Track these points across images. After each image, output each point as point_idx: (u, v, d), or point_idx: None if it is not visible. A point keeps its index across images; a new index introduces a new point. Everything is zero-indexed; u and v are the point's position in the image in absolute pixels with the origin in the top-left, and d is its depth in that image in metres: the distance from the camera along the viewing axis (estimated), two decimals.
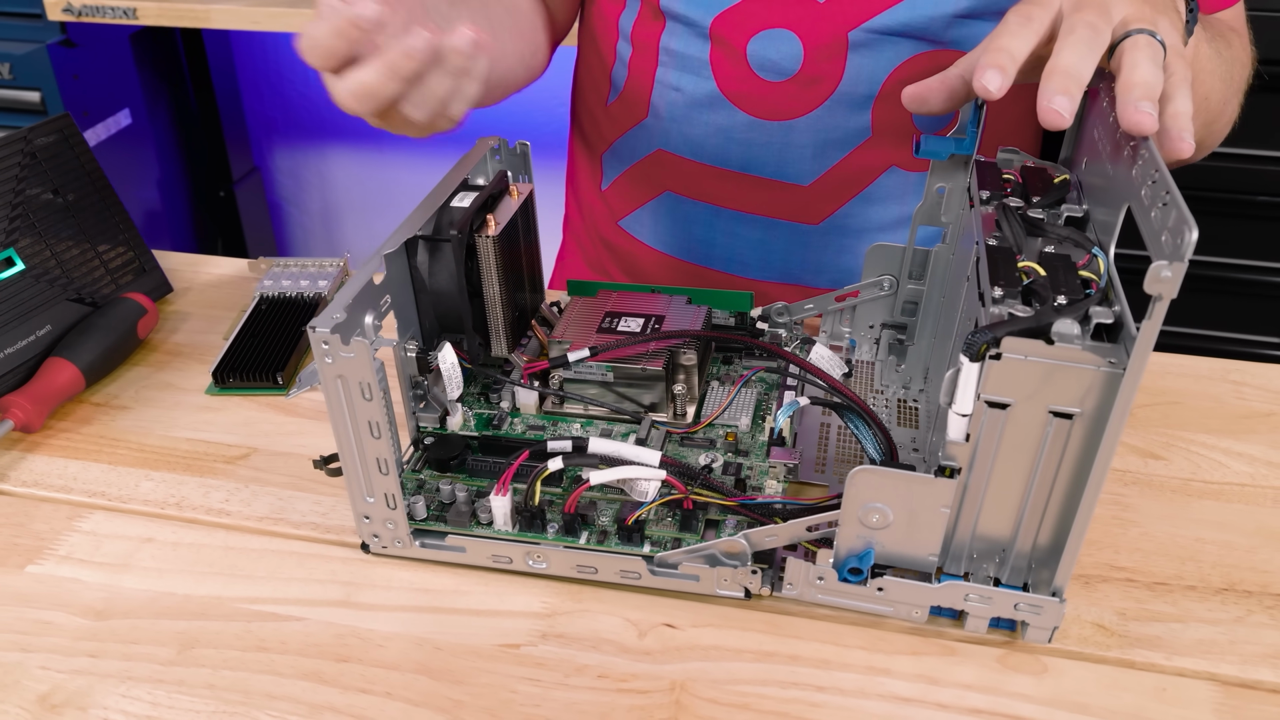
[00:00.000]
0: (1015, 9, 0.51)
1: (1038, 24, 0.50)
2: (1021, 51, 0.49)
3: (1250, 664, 0.49)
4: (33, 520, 0.59)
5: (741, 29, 0.72)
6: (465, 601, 0.53)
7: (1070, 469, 0.45)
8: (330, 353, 0.48)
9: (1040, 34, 0.50)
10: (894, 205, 0.78)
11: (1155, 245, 0.41)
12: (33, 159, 0.71)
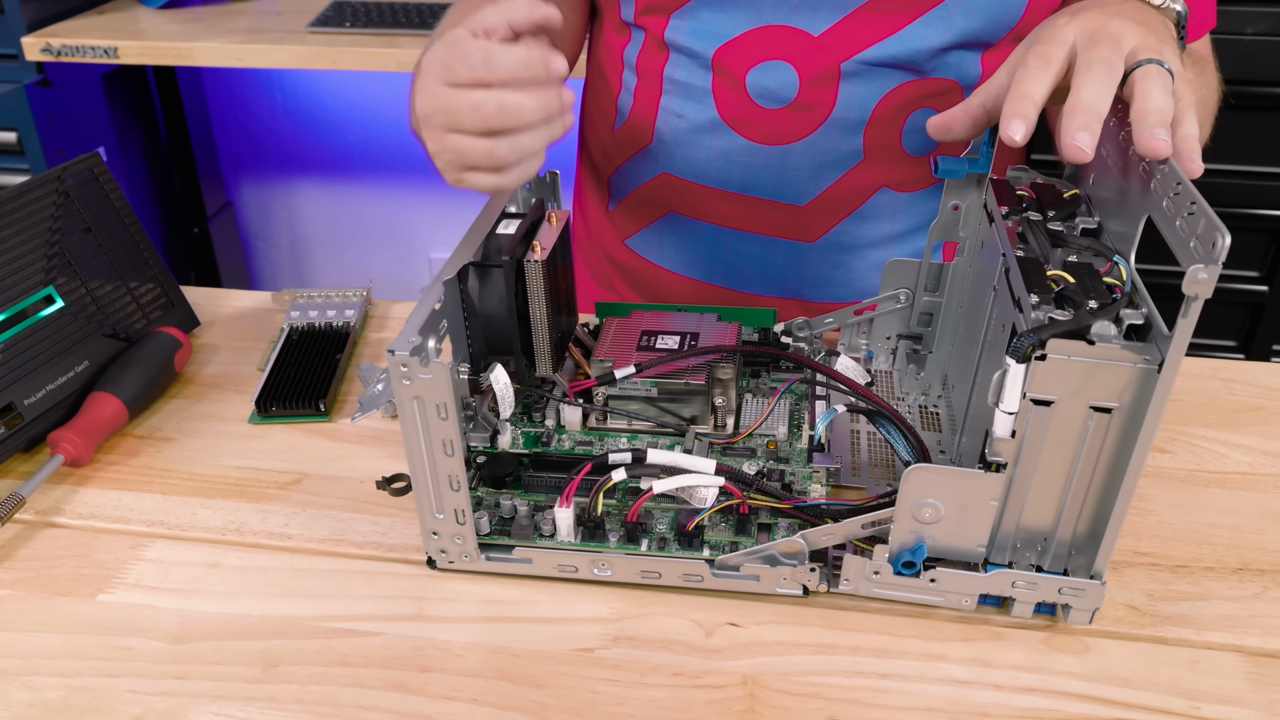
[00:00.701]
0: (1034, 50, 0.55)
1: (1056, 64, 0.54)
2: (1043, 96, 0.53)
3: (1273, 635, 0.53)
4: (95, 551, 0.60)
5: (741, 60, 0.76)
6: (535, 610, 0.55)
7: (1109, 460, 0.49)
8: (409, 375, 0.50)
9: (1059, 74, 0.54)
10: (885, 223, 0.82)
11: (1184, 251, 0.45)
12: (66, 198, 0.72)
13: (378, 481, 0.61)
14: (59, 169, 0.73)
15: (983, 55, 0.74)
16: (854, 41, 0.73)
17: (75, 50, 1.47)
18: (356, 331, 0.80)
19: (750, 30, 0.75)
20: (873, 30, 0.72)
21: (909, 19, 0.72)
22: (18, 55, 1.52)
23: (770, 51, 0.75)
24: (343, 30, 1.49)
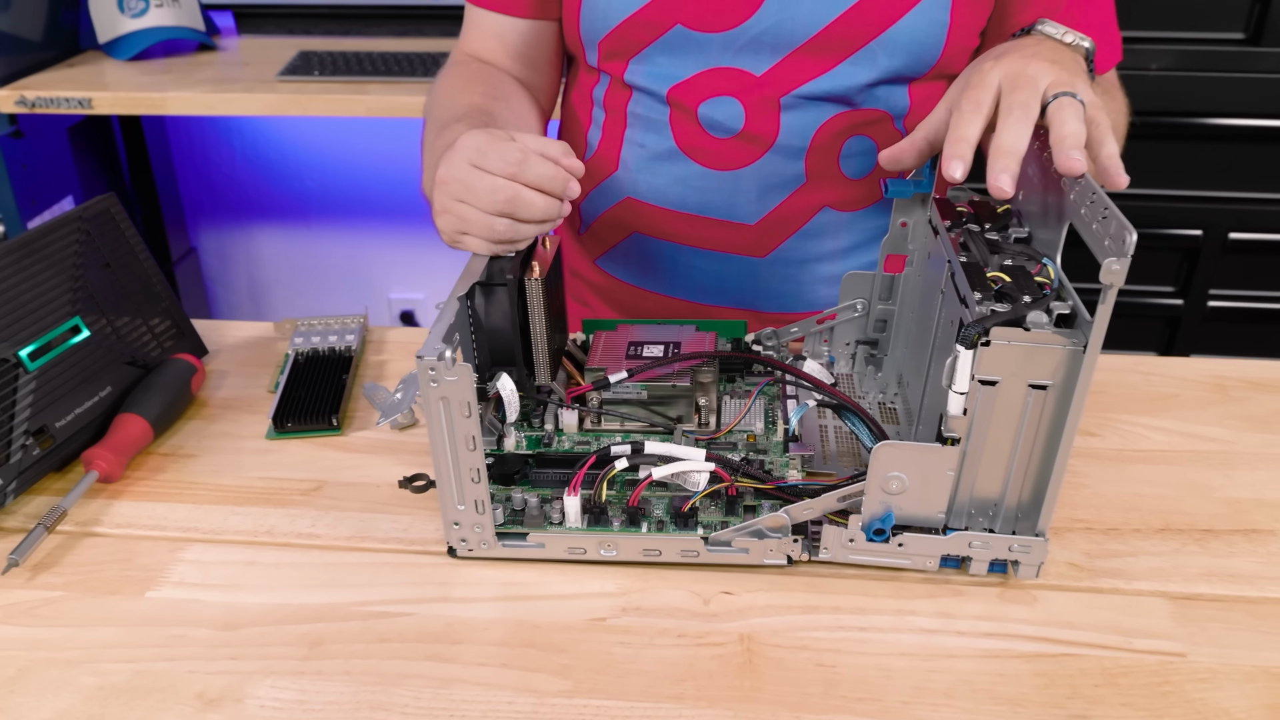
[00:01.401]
0: (965, 95, 0.63)
1: (985, 107, 0.62)
2: (976, 135, 0.62)
3: (1191, 582, 0.62)
4: (136, 556, 0.65)
5: (693, 96, 0.84)
6: (550, 589, 0.61)
7: (1046, 430, 0.57)
8: (437, 377, 0.57)
9: (988, 115, 0.62)
10: (828, 240, 0.91)
11: (1100, 248, 0.53)
12: (87, 236, 0.78)
13: (400, 481, 0.67)
14: (79, 209, 0.78)
15: (909, 87, 0.83)
16: (791, 79, 0.82)
17: (50, 102, 1.51)
18: (358, 354, 0.86)
19: (700, 72, 0.83)
20: (807, 70, 0.81)
21: (839, 60, 0.80)
22: None
23: (718, 89, 0.83)
24: (311, 79, 1.55)
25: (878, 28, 0.78)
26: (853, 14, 0.77)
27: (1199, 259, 1.60)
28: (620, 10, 0.80)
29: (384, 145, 2.13)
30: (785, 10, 0.78)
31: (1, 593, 0.61)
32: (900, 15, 0.77)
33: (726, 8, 0.79)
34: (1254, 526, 0.67)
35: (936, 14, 0.78)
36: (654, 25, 0.80)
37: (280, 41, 1.81)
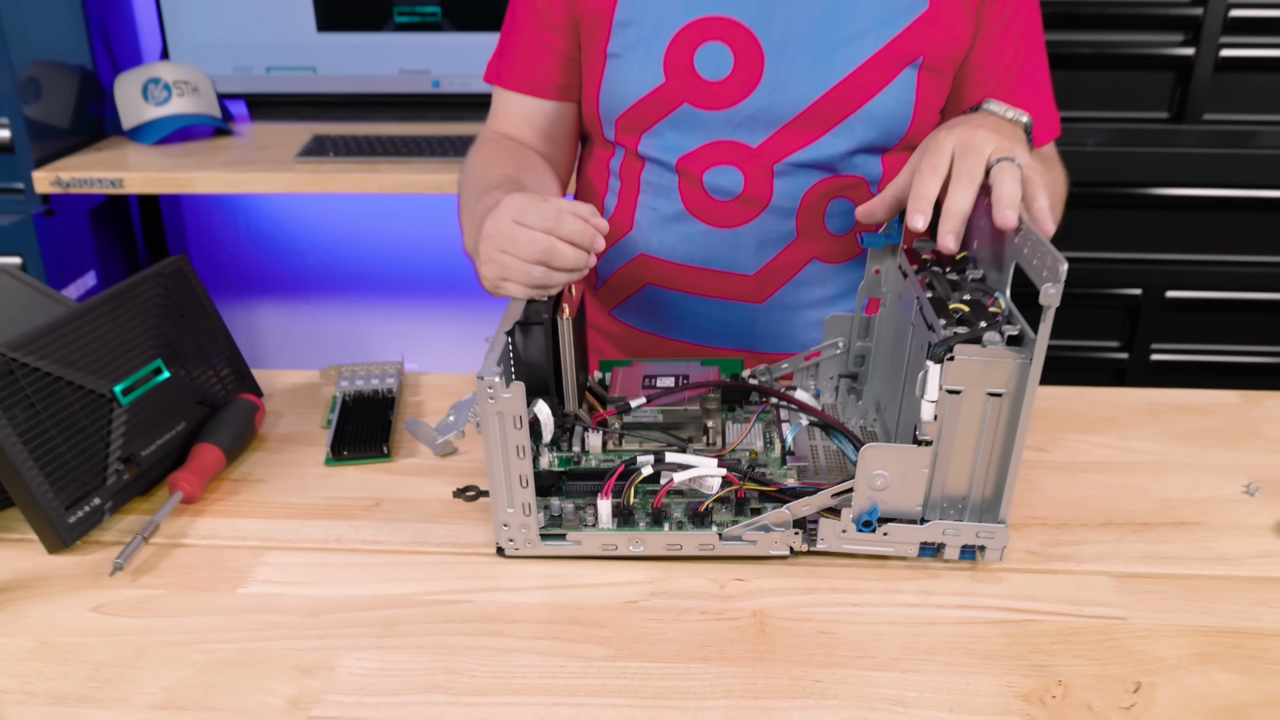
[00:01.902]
0: (925, 159, 0.76)
1: (941, 170, 0.75)
2: (934, 194, 0.74)
3: (1130, 563, 0.72)
4: (224, 561, 0.74)
5: (699, 166, 0.97)
6: (586, 579, 0.71)
7: (1003, 431, 0.68)
8: (495, 394, 0.67)
9: (944, 176, 0.75)
10: (817, 288, 1.03)
11: (1038, 278, 0.65)
12: (165, 290, 0.88)
13: (454, 491, 0.77)
14: (158, 266, 0.88)
15: (882, 157, 0.96)
16: (783, 149, 0.94)
17: (83, 182, 1.62)
18: (398, 394, 0.96)
19: (704, 144, 0.95)
20: (796, 141, 0.94)
21: (822, 132, 0.93)
22: (24, 189, 1.66)
23: (720, 159, 0.96)
24: (326, 160, 1.68)
25: (854, 105, 0.91)
26: (833, 94, 0.91)
27: (1140, 316, 1.74)
28: (635, 92, 0.93)
29: (380, 223, 2.25)
30: (776, 91, 0.91)
31: (110, 592, 0.70)
32: (873, 94, 0.91)
33: (727, 90, 0.92)
34: (1182, 520, 0.78)
35: (904, 94, 0.91)
36: (664, 105, 0.93)
37: (291, 127, 1.94)
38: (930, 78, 0.93)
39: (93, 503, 0.76)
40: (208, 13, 1.93)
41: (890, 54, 0.91)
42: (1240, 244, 1.70)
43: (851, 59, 0.91)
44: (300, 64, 1.97)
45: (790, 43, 0.91)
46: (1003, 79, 0.95)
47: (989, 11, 0.93)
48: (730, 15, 0.91)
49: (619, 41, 0.94)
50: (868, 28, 0.91)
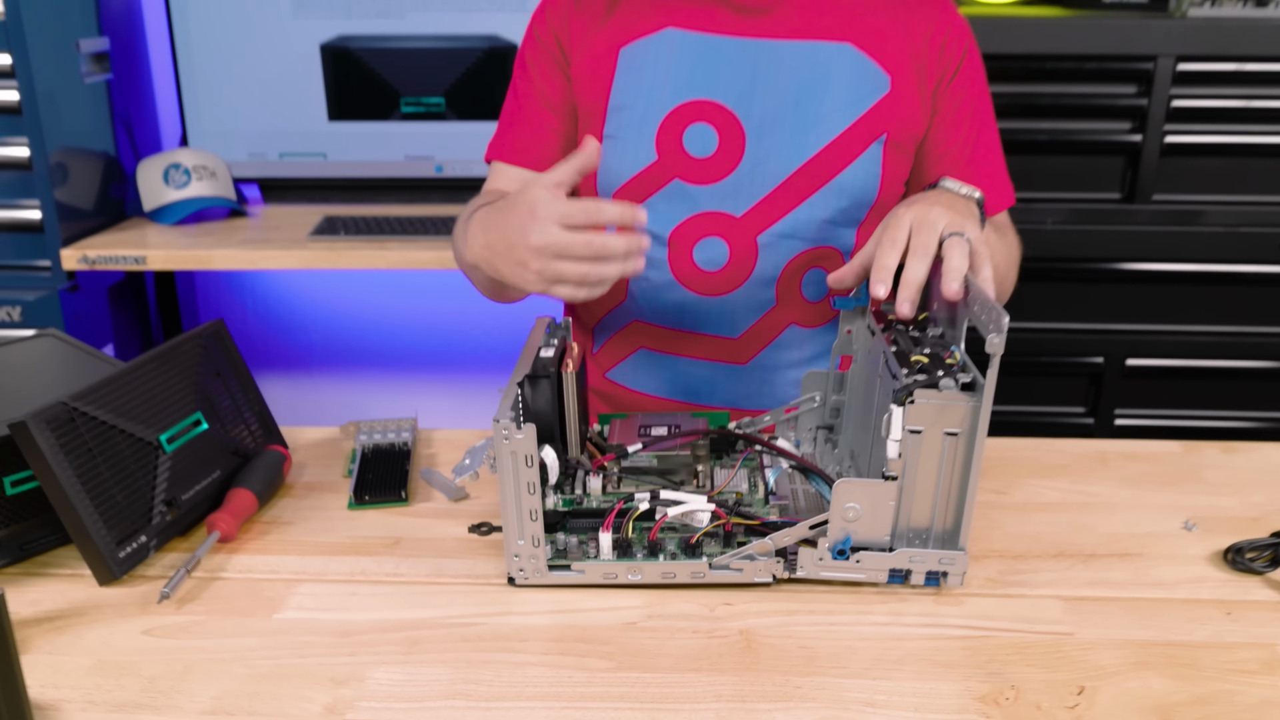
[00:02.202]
0: (885, 234, 0.85)
1: (900, 244, 0.84)
2: (894, 265, 0.83)
3: (1078, 589, 0.80)
4: (260, 592, 0.80)
5: (688, 238, 1.06)
6: (590, 604, 0.78)
7: (959, 467, 0.76)
8: (509, 436, 0.75)
9: (902, 249, 0.84)
10: (795, 350, 1.12)
11: (986, 330, 0.74)
12: (205, 350, 0.96)
13: (469, 527, 0.84)
14: (198, 329, 0.97)
15: (856, 230, 1.06)
16: (765, 219, 1.04)
17: (109, 260, 1.71)
18: (413, 447, 1.04)
19: (693, 215, 1.06)
20: (777, 210, 1.04)
21: (800, 201, 1.03)
22: (52, 266, 1.75)
23: (708, 230, 1.06)
24: (338, 238, 1.78)
25: (828, 176, 1.02)
26: (808, 167, 1.01)
27: (1103, 383, 1.84)
28: (630, 170, 1.03)
29: (382, 301, 2.34)
30: (758, 166, 1.02)
31: (158, 618, 0.77)
32: (844, 167, 1.02)
33: (713, 165, 1.02)
34: (1126, 551, 0.86)
35: (871, 167, 1.02)
36: (657, 180, 1.03)
37: (302, 209, 2.04)
38: (894, 152, 1.04)
39: (140, 540, 0.83)
40: (225, 103, 2.05)
41: (858, 131, 1.02)
42: (1193, 315, 1.80)
43: (823, 136, 1.02)
44: (312, 150, 2.08)
45: (769, 122, 1.02)
46: (960, 154, 1.06)
47: (944, 95, 1.05)
48: (714, 99, 1.03)
49: (614, 124, 1.05)
50: (836, 108, 1.02)
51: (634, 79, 1.05)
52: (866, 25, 1.04)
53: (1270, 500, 0.94)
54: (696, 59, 1.04)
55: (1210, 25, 1.67)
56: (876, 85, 1.02)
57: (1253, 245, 1.75)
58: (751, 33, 1.04)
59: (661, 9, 1.05)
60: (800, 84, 1.03)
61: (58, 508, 0.79)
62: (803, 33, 1.04)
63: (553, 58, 1.09)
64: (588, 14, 1.07)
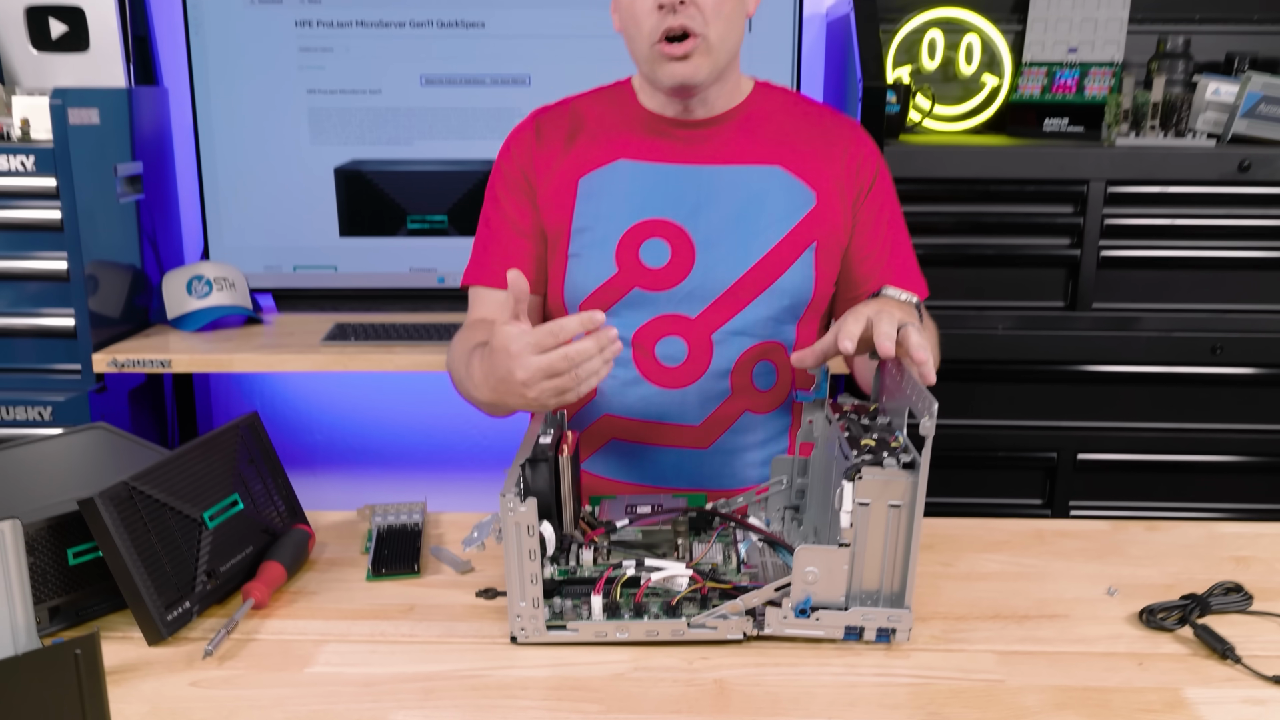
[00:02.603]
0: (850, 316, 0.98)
1: (863, 322, 0.97)
2: (859, 333, 0.96)
3: (1010, 644, 0.90)
4: (291, 650, 0.90)
5: (650, 338, 1.20)
6: (583, 659, 0.88)
7: (903, 535, 0.88)
8: (514, 508, 0.86)
9: (865, 327, 0.97)
10: (751, 434, 1.24)
11: (920, 415, 0.86)
12: (241, 439, 1.07)
13: (477, 592, 0.94)
14: (236, 421, 1.08)
15: (795, 325, 1.20)
16: (717, 319, 1.18)
17: (136, 363, 1.83)
18: (423, 527, 1.14)
19: (653, 319, 1.19)
20: (727, 311, 1.18)
21: (746, 302, 1.18)
22: (82, 369, 1.87)
23: (667, 331, 1.19)
24: (349, 343, 1.90)
25: (769, 280, 1.17)
26: (752, 273, 1.17)
27: (1057, 476, 1.95)
28: (594, 283, 1.17)
29: (384, 402, 2.46)
30: (707, 273, 1.17)
31: (202, 672, 0.86)
32: (782, 272, 1.17)
33: (668, 274, 1.17)
34: (1054, 613, 0.96)
35: (806, 271, 1.18)
36: (619, 290, 1.17)
37: (313, 316, 2.17)
38: (824, 257, 1.19)
39: (184, 605, 0.93)
40: (245, 220, 2.20)
41: (791, 241, 1.18)
42: (1136, 412, 1.93)
43: (762, 246, 1.17)
44: (324, 263, 2.23)
45: (714, 236, 1.18)
46: (880, 257, 1.22)
47: (863, 206, 1.22)
48: (665, 218, 1.18)
49: (578, 243, 1.19)
50: (772, 222, 1.18)
51: (593, 204, 1.19)
52: (792, 150, 1.21)
53: (1184, 570, 1.05)
54: (647, 185, 1.19)
55: (1135, 153, 1.85)
56: (804, 201, 1.18)
57: (1186, 348, 1.89)
58: (693, 160, 1.20)
59: (613, 143, 1.21)
60: (739, 202, 1.18)
61: (116, 575, 0.90)
62: (738, 158, 1.20)
63: (520, 188, 1.24)
64: (549, 149, 1.23)
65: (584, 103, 1.26)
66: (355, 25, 2.14)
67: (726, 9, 1.13)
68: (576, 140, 1.23)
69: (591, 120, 1.24)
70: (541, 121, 1.25)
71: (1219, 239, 1.87)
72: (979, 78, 2.17)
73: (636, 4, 1.12)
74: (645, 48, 1.14)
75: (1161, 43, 2.05)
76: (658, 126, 1.21)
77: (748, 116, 1.22)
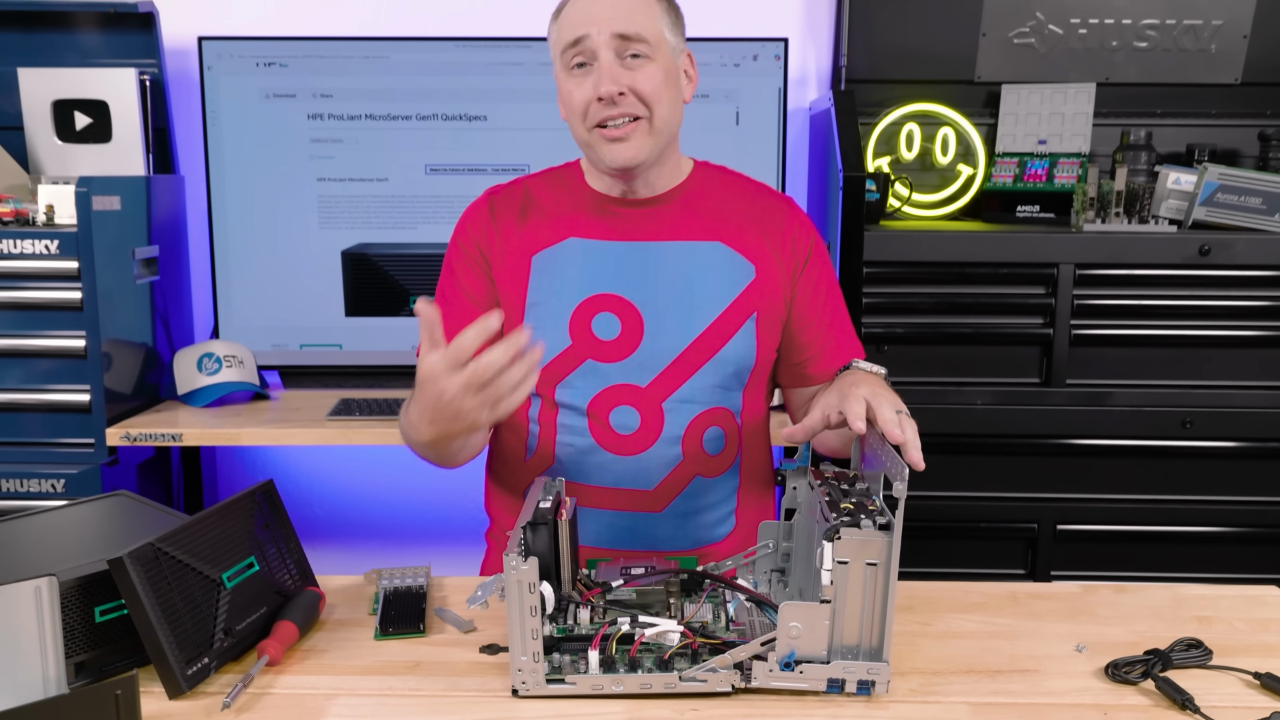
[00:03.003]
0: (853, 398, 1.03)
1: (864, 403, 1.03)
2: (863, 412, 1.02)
3: (983, 696, 0.96)
4: (304, 704, 0.95)
5: (603, 407, 1.26)
6: (581, 710, 0.93)
7: (880, 592, 0.93)
8: (516, 568, 0.92)
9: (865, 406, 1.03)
10: (701, 498, 1.30)
11: (894, 479, 0.93)
12: (258, 505, 1.13)
13: (481, 647, 0.99)
14: (252, 488, 1.14)
15: (740, 393, 1.28)
16: (666, 388, 1.25)
17: (149, 437, 1.89)
18: (427, 590, 1.19)
19: (606, 388, 1.26)
20: (675, 380, 1.26)
21: (693, 371, 1.26)
22: (95, 443, 1.92)
23: (619, 400, 1.26)
24: (354, 418, 1.97)
25: (713, 350, 1.26)
26: (697, 343, 1.25)
27: (1037, 546, 2.01)
28: (549, 354, 1.24)
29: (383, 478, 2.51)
30: (655, 344, 1.25)
31: None
32: (725, 341, 1.26)
33: (618, 345, 1.25)
34: (1025, 669, 1.01)
35: (748, 340, 1.26)
36: (572, 361, 1.24)
37: (319, 393, 2.24)
38: (765, 327, 1.28)
39: (203, 661, 0.98)
40: (254, 300, 2.29)
41: (733, 312, 1.26)
42: (1112, 484, 2.00)
43: (706, 317, 1.26)
44: (329, 341, 2.31)
45: (661, 309, 1.26)
46: (821, 325, 1.31)
47: (801, 279, 1.30)
48: (614, 292, 1.26)
49: (532, 316, 1.27)
50: (715, 294, 1.26)
51: (546, 280, 1.28)
52: (731, 226, 1.30)
53: (1149, 628, 1.10)
54: (596, 261, 1.28)
55: (1102, 238, 1.95)
56: (744, 274, 1.27)
57: (1158, 422, 1.97)
58: (639, 236, 1.29)
59: (563, 222, 1.30)
60: (683, 276, 1.27)
61: (141, 631, 0.95)
62: (680, 234, 1.29)
63: (476, 262, 1.31)
64: (503, 227, 1.30)
65: (535, 183, 1.34)
66: (364, 118, 2.25)
67: (666, 94, 1.22)
68: (529, 218, 1.31)
69: (542, 199, 1.32)
70: (495, 200, 1.33)
71: (1184, 318, 1.96)
72: (954, 167, 2.28)
73: (575, 96, 1.22)
74: (584, 133, 1.23)
75: (1125, 135, 2.18)
76: (604, 206, 1.30)
77: (689, 195, 1.31)
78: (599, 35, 1.18)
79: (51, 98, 2.19)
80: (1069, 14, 2.24)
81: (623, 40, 1.19)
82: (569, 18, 1.22)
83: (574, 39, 1.20)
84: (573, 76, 1.22)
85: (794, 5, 2.35)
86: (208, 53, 2.21)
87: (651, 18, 1.21)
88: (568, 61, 1.22)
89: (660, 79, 1.20)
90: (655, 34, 1.21)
